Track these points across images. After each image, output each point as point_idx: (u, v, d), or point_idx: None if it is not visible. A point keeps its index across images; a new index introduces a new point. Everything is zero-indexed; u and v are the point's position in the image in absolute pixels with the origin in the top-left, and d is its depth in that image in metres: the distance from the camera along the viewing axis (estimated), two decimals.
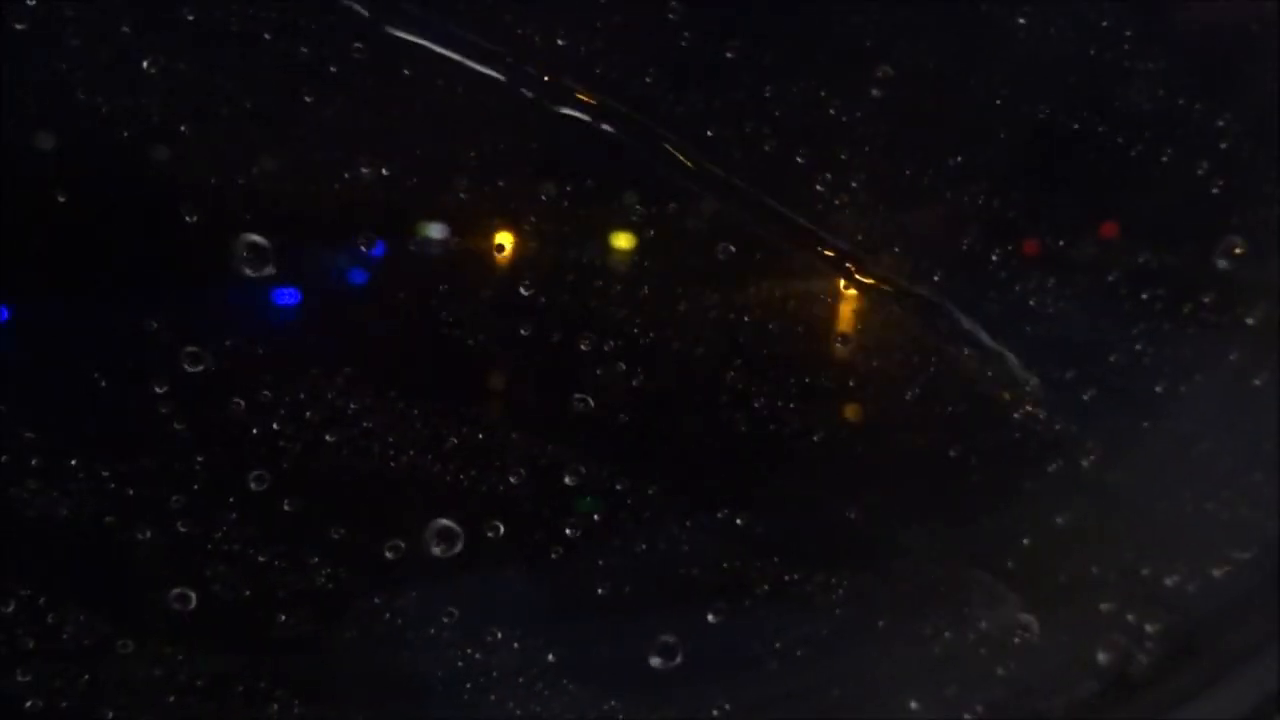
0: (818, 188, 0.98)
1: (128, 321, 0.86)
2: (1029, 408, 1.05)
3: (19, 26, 0.81)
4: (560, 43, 0.90)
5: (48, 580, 0.91)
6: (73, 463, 0.88)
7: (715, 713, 1.02)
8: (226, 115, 0.85)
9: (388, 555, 0.93)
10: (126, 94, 0.83)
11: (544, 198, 0.94)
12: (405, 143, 0.91)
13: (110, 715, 0.91)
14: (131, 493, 0.89)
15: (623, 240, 0.97)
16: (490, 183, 0.93)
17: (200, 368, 0.86)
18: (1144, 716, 0.98)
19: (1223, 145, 1.02)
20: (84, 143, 0.85)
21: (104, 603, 0.92)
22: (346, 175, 0.88)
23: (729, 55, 0.93)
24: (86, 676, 0.91)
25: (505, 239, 0.95)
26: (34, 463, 0.87)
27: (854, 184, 0.99)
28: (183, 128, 0.84)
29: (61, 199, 0.83)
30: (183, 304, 0.88)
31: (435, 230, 0.92)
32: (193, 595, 0.88)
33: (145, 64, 0.82)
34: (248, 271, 0.84)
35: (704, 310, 0.98)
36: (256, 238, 0.84)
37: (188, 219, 0.84)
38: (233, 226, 0.84)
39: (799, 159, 0.98)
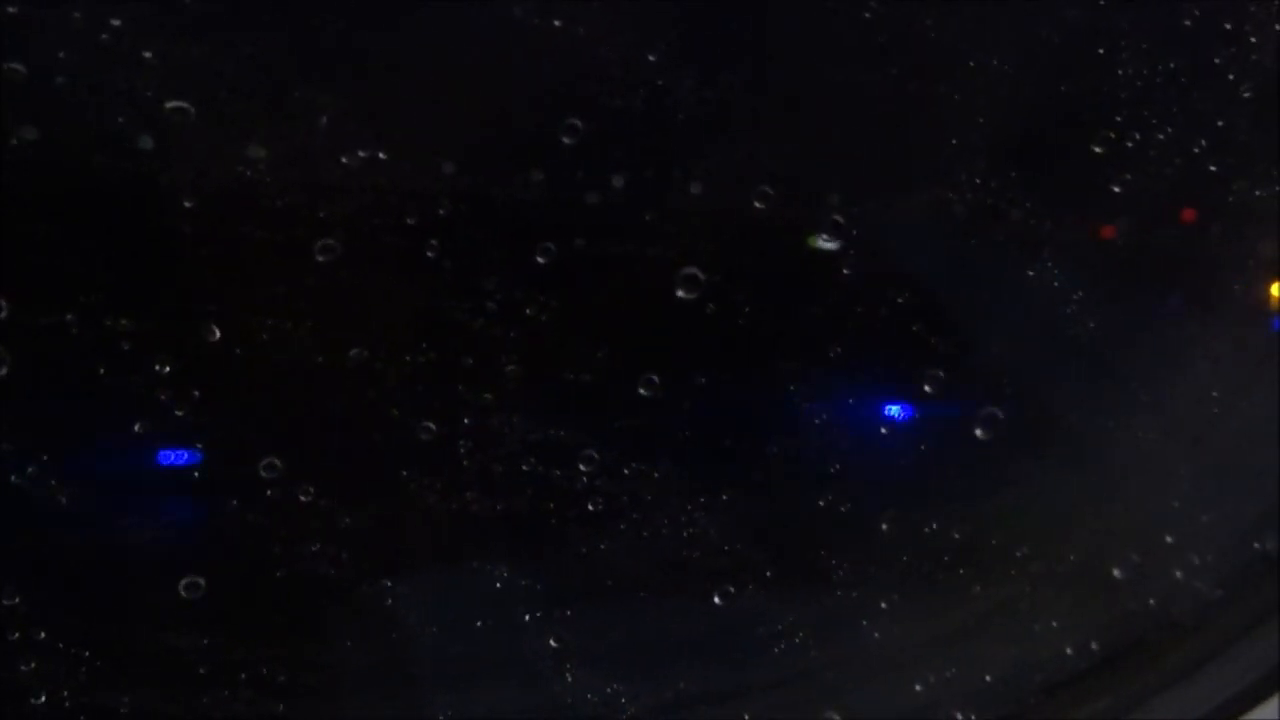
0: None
1: (129, 311, 0.86)
2: None
3: (12, 10, 0.81)
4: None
5: (51, 570, 0.90)
6: (76, 451, 0.87)
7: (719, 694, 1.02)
8: (228, 102, 0.84)
9: (395, 541, 0.93)
10: (124, 81, 0.82)
11: (547, 179, 0.93)
12: (408, 127, 0.90)
13: (115, 706, 0.91)
14: (137, 480, 0.89)
15: (626, 226, 0.97)
16: (496, 167, 0.92)
17: (204, 355, 0.86)
18: (1145, 690, 0.99)
19: (1220, 124, 1.02)
20: (83, 132, 0.84)
21: (106, 592, 0.92)
22: (345, 160, 0.88)
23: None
24: (87, 668, 0.91)
25: (507, 224, 0.95)
26: (36, 453, 0.86)
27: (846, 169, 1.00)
28: (184, 115, 0.83)
29: (61, 186, 0.82)
30: (185, 293, 0.87)
31: (439, 214, 0.92)
32: (202, 582, 0.88)
33: (145, 52, 0.81)
34: None
35: (705, 294, 0.98)
36: None
37: (188, 204, 0.84)
38: (236, 214, 0.84)
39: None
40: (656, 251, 0.97)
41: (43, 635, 0.89)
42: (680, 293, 0.95)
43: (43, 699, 0.90)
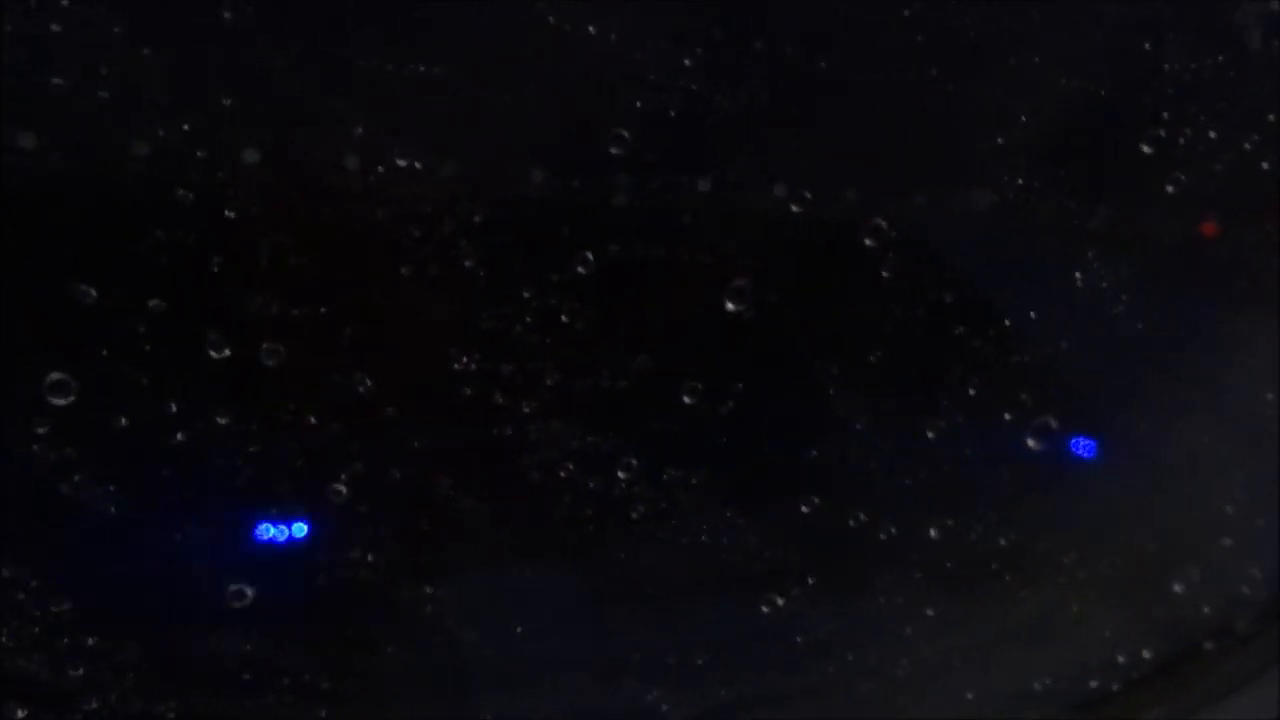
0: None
1: (169, 320, 0.87)
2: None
3: (55, 28, 0.82)
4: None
5: (100, 578, 0.92)
6: (123, 460, 0.89)
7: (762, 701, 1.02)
8: (228, 110, 0.85)
9: (435, 548, 0.94)
10: (127, 89, 0.83)
11: (584, 186, 0.93)
12: (444, 135, 0.90)
13: (162, 711, 0.92)
14: (182, 489, 0.90)
15: (663, 231, 0.97)
16: (533, 174, 0.92)
17: (244, 364, 0.87)
18: (1198, 700, 0.97)
19: (1271, 118, 1.00)
20: (87, 139, 0.85)
21: (154, 600, 0.94)
22: (381, 169, 0.88)
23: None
24: (135, 674, 0.92)
25: (544, 231, 0.95)
26: (83, 463, 0.88)
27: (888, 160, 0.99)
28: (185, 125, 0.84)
29: (73, 192, 0.83)
30: (229, 304, 0.88)
31: (476, 222, 0.92)
32: (248, 590, 0.89)
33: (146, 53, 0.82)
34: None
35: (749, 301, 0.97)
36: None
37: (229, 214, 0.85)
38: (273, 224, 0.85)
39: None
40: (695, 257, 0.97)
41: (91, 642, 0.90)
42: (730, 305, 0.95)
43: (94, 704, 0.91)
